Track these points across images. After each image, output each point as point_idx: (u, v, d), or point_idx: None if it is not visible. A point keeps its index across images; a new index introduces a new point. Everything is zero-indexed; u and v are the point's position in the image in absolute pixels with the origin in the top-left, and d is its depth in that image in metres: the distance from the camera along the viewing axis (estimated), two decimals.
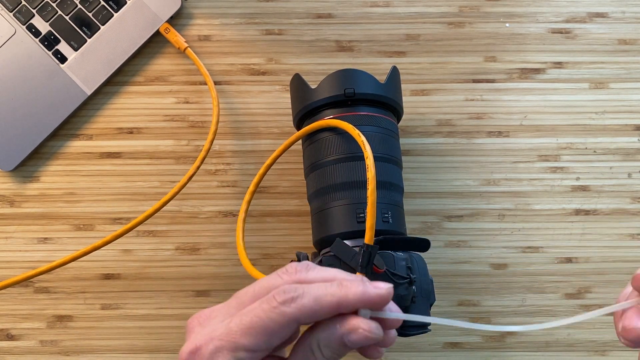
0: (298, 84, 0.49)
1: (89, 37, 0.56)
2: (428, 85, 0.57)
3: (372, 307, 0.26)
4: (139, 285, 0.54)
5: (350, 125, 0.43)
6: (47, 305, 0.53)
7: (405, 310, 0.42)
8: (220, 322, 0.26)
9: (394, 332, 0.27)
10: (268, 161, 0.49)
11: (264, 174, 0.49)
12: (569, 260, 0.54)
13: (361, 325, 0.25)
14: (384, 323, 0.26)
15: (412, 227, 0.54)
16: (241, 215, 0.47)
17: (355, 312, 0.26)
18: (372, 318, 0.26)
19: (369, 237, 0.38)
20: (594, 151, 0.56)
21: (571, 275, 0.54)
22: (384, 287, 0.26)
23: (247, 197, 0.48)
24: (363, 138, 0.41)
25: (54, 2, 0.56)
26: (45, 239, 0.54)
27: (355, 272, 0.39)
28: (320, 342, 0.25)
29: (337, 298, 0.25)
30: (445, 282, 0.53)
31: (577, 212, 0.54)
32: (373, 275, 0.39)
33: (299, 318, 0.25)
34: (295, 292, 0.25)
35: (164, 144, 0.56)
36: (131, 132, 0.56)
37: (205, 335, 0.26)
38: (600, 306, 0.53)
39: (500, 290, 0.53)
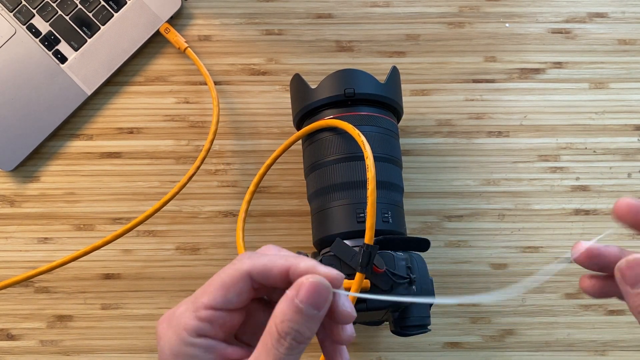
0: (298, 84, 0.49)
1: (89, 37, 0.56)
2: (428, 85, 0.57)
3: None
4: (139, 285, 0.54)
5: (350, 125, 0.43)
6: (47, 305, 0.53)
7: (405, 310, 0.42)
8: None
9: (349, 329, 0.28)
10: (268, 161, 0.49)
11: (264, 173, 0.49)
12: (569, 260, 0.54)
13: (306, 279, 0.25)
14: (336, 316, 0.27)
15: (412, 227, 0.54)
16: (241, 215, 0.47)
17: None
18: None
19: (368, 237, 0.38)
20: (594, 151, 0.56)
21: (571, 275, 0.53)
22: (335, 271, 0.26)
23: (247, 196, 0.48)
24: (363, 138, 0.41)
25: (54, 2, 0.56)
26: (45, 239, 0.54)
27: (355, 272, 0.39)
28: (277, 318, 0.25)
29: (289, 263, 0.26)
30: (445, 282, 0.53)
31: (577, 212, 0.55)
32: (373, 275, 0.39)
33: (252, 272, 0.27)
34: (252, 255, 0.28)
35: (164, 144, 0.56)
36: (131, 132, 0.56)
37: (179, 304, 0.28)
38: (599, 306, 0.53)
39: (500, 290, 0.53)
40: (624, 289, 0.28)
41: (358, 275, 0.38)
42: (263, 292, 0.29)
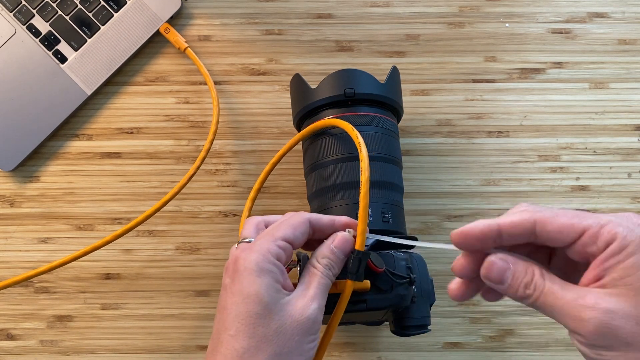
0: (298, 84, 0.49)
1: (89, 37, 0.56)
2: (428, 85, 0.57)
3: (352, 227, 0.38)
4: (139, 285, 0.54)
5: (350, 126, 0.43)
6: (47, 305, 0.53)
7: (405, 310, 0.42)
8: None
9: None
10: (274, 159, 0.49)
11: (270, 171, 0.49)
12: None
13: (340, 234, 0.37)
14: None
15: (412, 227, 0.54)
16: (245, 214, 0.47)
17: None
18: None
19: (359, 244, 0.37)
20: (594, 151, 0.56)
21: None
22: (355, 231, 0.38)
23: (252, 194, 0.48)
24: (360, 139, 0.41)
25: (54, 2, 0.56)
26: (45, 239, 0.54)
27: (346, 277, 0.38)
28: (318, 256, 0.36)
29: (332, 218, 0.38)
30: (445, 282, 0.53)
31: None
32: (371, 277, 0.39)
33: (311, 219, 0.37)
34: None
35: (164, 144, 0.56)
36: (131, 132, 0.56)
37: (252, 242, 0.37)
38: None
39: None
40: (495, 288, 0.31)
41: (348, 282, 0.37)
42: (310, 240, 0.39)
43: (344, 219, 0.38)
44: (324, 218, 0.38)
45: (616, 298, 0.27)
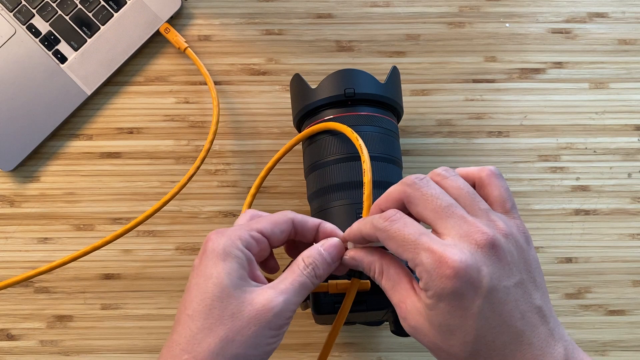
0: (298, 84, 0.49)
1: (89, 37, 0.56)
2: (428, 85, 0.57)
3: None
4: (139, 285, 0.54)
5: (349, 129, 0.43)
6: (47, 305, 0.53)
7: None
8: None
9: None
10: (269, 164, 0.49)
11: (265, 177, 0.49)
12: (569, 260, 0.54)
13: (332, 240, 0.36)
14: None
15: None
16: (244, 210, 0.47)
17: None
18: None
19: None
20: (594, 151, 0.56)
21: (571, 275, 0.54)
22: (344, 238, 0.37)
23: (248, 199, 0.48)
24: (361, 142, 0.41)
25: (54, 2, 0.56)
26: (45, 239, 0.54)
27: (350, 278, 0.39)
28: (304, 254, 0.35)
29: (319, 221, 0.38)
30: None
31: (577, 212, 0.55)
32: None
33: (294, 219, 0.37)
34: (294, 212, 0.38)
35: (164, 144, 0.56)
36: (131, 132, 0.56)
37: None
38: (600, 306, 0.53)
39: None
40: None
41: (354, 281, 0.38)
42: (292, 242, 0.39)
43: (330, 226, 0.37)
44: (310, 221, 0.37)
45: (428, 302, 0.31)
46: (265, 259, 0.38)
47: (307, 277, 0.35)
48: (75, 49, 0.56)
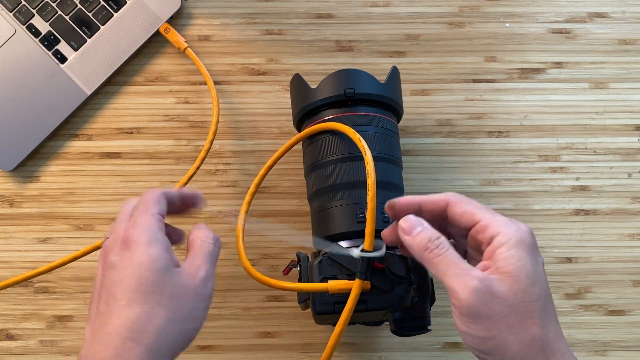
0: (298, 84, 0.49)
1: (89, 37, 0.56)
2: (428, 85, 0.57)
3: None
4: None
5: (352, 130, 0.43)
6: (47, 305, 0.53)
7: (405, 310, 0.42)
8: None
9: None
10: (269, 162, 0.49)
11: (264, 175, 0.49)
12: (569, 260, 0.54)
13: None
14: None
15: None
16: (241, 215, 0.47)
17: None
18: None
19: (368, 244, 0.38)
20: (594, 151, 0.56)
21: (571, 275, 0.54)
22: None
23: (247, 198, 0.48)
24: (364, 143, 0.41)
25: (54, 2, 0.56)
26: (45, 239, 0.54)
27: (355, 275, 0.39)
28: (195, 237, 0.38)
29: (180, 191, 0.41)
30: None
31: (577, 212, 0.55)
32: (374, 272, 0.40)
33: (165, 192, 0.39)
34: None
35: (164, 144, 0.56)
36: (131, 132, 0.56)
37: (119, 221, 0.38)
38: (600, 306, 0.53)
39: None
40: (402, 238, 0.36)
41: (357, 281, 0.38)
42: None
43: (190, 191, 0.41)
44: (173, 191, 0.40)
45: (497, 282, 0.33)
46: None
47: (209, 247, 0.38)
48: (75, 49, 0.56)
